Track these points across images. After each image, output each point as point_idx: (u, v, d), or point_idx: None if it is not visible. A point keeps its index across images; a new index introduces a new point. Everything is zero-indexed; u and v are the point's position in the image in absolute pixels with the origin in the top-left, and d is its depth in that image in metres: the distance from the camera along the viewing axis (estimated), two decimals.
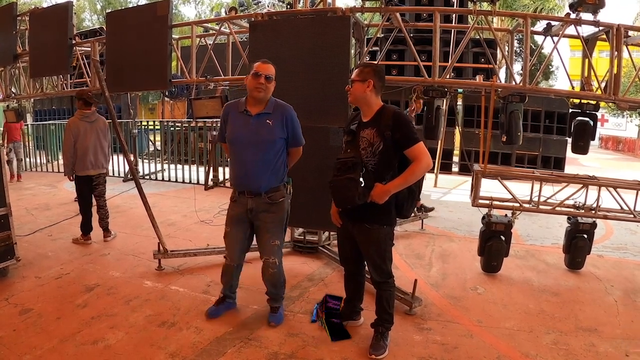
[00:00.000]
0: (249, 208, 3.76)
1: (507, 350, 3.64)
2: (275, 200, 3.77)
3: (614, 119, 33.79)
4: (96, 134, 6.20)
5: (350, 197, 3.22)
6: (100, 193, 6.37)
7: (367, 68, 3.39)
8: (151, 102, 32.65)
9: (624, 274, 5.42)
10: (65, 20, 6.09)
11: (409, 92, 5.55)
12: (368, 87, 3.31)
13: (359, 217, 3.39)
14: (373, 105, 3.36)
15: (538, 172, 5.76)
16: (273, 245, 3.81)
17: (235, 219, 3.87)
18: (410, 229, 7.14)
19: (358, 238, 3.50)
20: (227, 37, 6.08)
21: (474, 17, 4.97)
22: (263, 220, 3.79)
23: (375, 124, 3.30)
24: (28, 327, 3.84)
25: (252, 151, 3.65)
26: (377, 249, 3.44)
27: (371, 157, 3.28)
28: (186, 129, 12.16)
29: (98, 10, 36.40)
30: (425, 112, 5.29)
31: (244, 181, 3.75)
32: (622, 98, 4.87)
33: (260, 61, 3.70)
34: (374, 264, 3.50)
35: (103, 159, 6.31)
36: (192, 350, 3.54)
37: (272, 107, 3.72)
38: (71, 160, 6.04)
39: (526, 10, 20.65)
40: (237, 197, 3.82)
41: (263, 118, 3.66)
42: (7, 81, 7.70)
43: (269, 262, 3.83)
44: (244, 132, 3.66)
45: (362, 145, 3.31)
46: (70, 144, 6.00)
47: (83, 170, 6.11)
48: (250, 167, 3.67)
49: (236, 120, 3.73)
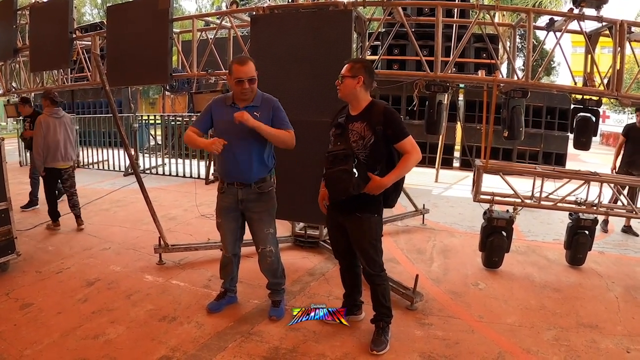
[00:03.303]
0: (239, 199, 3.77)
1: (508, 346, 3.64)
2: (264, 190, 3.79)
3: (616, 115, 33.69)
4: (64, 128, 6.49)
5: (344, 188, 3.24)
6: (71, 185, 6.69)
7: (357, 64, 3.42)
8: (152, 96, 32.54)
9: (624, 270, 5.41)
10: (66, 14, 6.08)
11: (410, 86, 5.52)
12: (358, 83, 3.34)
13: (350, 208, 3.42)
14: (362, 100, 3.40)
15: (540, 167, 5.74)
16: (267, 234, 3.84)
17: (226, 210, 3.88)
18: (412, 224, 7.14)
19: (350, 229, 3.52)
20: (228, 31, 6.05)
21: (476, 11, 4.95)
22: (254, 210, 3.81)
23: (366, 118, 3.34)
24: (29, 322, 3.85)
25: (241, 143, 3.64)
26: (369, 239, 3.47)
27: (362, 150, 3.32)
28: (187, 123, 12.13)
29: (99, 4, 36.32)
30: (427, 107, 5.28)
31: (233, 172, 3.76)
32: (624, 94, 4.86)
33: (237, 62, 3.63)
34: (366, 255, 3.51)
35: (72, 152, 6.65)
36: (193, 345, 3.54)
37: (260, 101, 3.72)
38: (43, 155, 6.29)
39: (526, 5, 20.56)
40: (226, 188, 3.82)
41: (251, 111, 3.64)
42: (8, 75, 7.69)
43: (265, 252, 3.85)
44: (232, 124, 3.63)
45: (352, 138, 3.34)
46: (41, 139, 6.25)
47: (53, 162, 6.39)
48: (240, 158, 3.67)
49: (224, 113, 3.70)
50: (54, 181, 6.56)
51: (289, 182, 4.56)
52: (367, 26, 5.41)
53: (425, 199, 8.26)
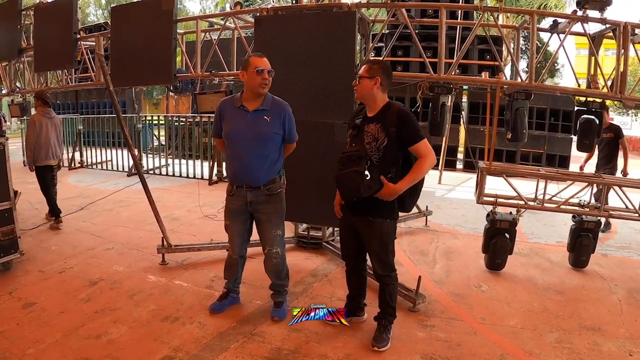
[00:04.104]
0: (248, 201, 3.77)
1: (511, 348, 3.63)
2: (273, 191, 3.78)
3: (619, 117, 33.58)
4: (55, 128, 6.78)
5: (355, 189, 3.23)
6: (54, 183, 6.94)
7: (375, 65, 3.40)
8: (155, 96, 32.65)
9: (628, 273, 5.39)
10: (70, 14, 6.10)
11: (414, 88, 5.53)
12: (375, 84, 3.32)
13: (363, 211, 3.40)
14: (379, 101, 3.37)
15: (543, 169, 5.72)
16: (275, 236, 3.84)
17: (235, 212, 3.89)
18: (415, 226, 7.13)
19: (362, 231, 3.51)
20: (232, 32, 6.07)
21: (480, 13, 4.95)
22: (263, 211, 3.80)
23: (380, 120, 3.31)
24: (31, 321, 3.85)
25: (251, 146, 3.64)
26: (381, 243, 3.46)
27: (375, 152, 3.29)
28: (190, 124, 12.16)
29: (103, 4, 36.49)
30: (431, 109, 5.28)
31: (242, 175, 3.75)
32: (628, 96, 4.85)
33: (255, 56, 3.66)
34: (377, 257, 3.51)
35: (60, 151, 6.96)
36: (196, 345, 3.54)
37: (270, 104, 3.70)
38: (34, 153, 6.51)
39: (530, 7, 20.54)
40: (235, 191, 3.82)
41: (261, 114, 3.64)
42: (12, 75, 7.72)
43: (272, 253, 3.85)
44: (242, 128, 3.64)
45: (366, 140, 3.32)
46: (34, 138, 6.48)
47: (46, 160, 6.63)
48: (249, 161, 3.67)
49: (233, 116, 3.70)
50: (48, 177, 6.75)
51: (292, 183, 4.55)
52: (370, 27, 5.41)
53: (429, 200, 8.24)
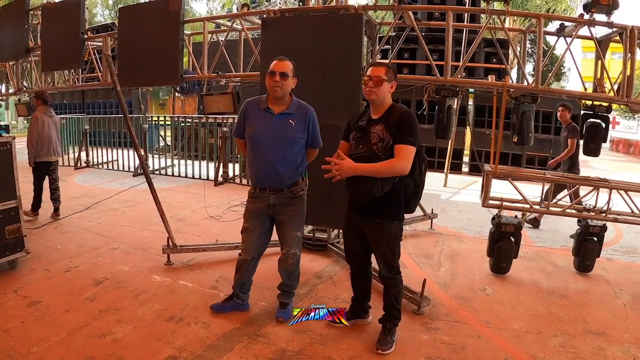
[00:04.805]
0: (271, 204, 3.76)
1: (515, 352, 3.62)
2: (296, 194, 3.79)
3: (626, 121, 33.48)
4: (55, 126, 7.21)
5: (369, 189, 3.24)
6: (56, 177, 7.35)
7: (391, 69, 3.43)
8: (162, 97, 32.73)
9: (633, 277, 5.36)
10: (77, 14, 6.12)
11: (420, 90, 5.53)
12: (392, 88, 3.39)
13: (371, 213, 3.41)
14: (386, 104, 3.40)
15: (549, 173, 5.72)
16: (294, 237, 3.84)
17: (255, 214, 3.85)
18: (420, 229, 7.12)
19: (369, 234, 3.51)
20: (239, 33, 6.08)
21: (486, 16, 4.95)
22: (286, 213, 3.80)
23: (385, 121, 3.33)
24: (36, 319, 3.87)
25: (275, 149, 3.64)
26: (388, 245, 3.46)
27: (382, 152, 3.29)
28: (197, 125, 12.20)
29: (110, 5, 36.63)
30: (437, 112, 5.28)
31: (266, 178, 3.74)
32: (635, 100, 4.84)
33: (276, 59, 3.69)
34: (384, 259, 3.52)
35: (59, 148, 7.37)
36: (200, 346, 3.55)
37: (295, 108, 3.72)
38: (36, 148, 6.87)
39: (538, 11, 20.50)
40: (258, 193, 3.80)
41: (286, 118, 3.65)
42: (19, 75, 7.76)
43: (289, 253, 3.83)
44: (266, 130, 3.64)
45: (373, 141, 3.33)
46: (37, 133, 6.85)
47: (47, 156, 7.05)
48: (273, 165, 3.66)
49: (258, 118, 3.70)
50: (43, 174, 7.11)
51: None
52: (377, 30, 5.43)
53: (434, 203, 8.25)
